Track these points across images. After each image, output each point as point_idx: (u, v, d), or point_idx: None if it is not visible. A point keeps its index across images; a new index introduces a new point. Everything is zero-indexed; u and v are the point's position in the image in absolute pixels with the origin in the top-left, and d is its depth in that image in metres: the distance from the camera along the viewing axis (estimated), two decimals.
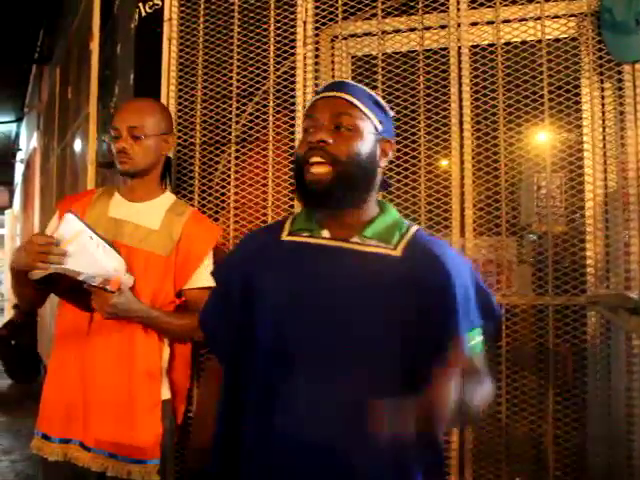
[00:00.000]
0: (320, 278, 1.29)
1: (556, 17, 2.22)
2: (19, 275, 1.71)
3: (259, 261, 1.37)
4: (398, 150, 2.26)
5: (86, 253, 1.63)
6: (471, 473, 2.19)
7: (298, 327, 1.27)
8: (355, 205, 1.33)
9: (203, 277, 1.90)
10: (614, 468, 2.10)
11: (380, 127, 1.34)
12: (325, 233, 1.34)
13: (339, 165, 1.26)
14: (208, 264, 1.91)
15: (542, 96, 2.17)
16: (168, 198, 1.99)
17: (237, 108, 2.44)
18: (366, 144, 1.30)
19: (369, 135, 1.31)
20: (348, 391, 1.23)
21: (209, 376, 1.54)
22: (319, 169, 1.26)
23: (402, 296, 1.25)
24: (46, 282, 1.66)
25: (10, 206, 16.42)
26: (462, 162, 2.23)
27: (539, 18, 2.19)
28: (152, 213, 1.91)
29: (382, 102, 1.40)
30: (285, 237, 1.38)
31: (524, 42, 2.23)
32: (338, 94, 1.31)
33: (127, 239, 1.85)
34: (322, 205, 1.31)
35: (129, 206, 1.92)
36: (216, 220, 2.40)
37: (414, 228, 1.38)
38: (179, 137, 2.51)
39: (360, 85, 1.41)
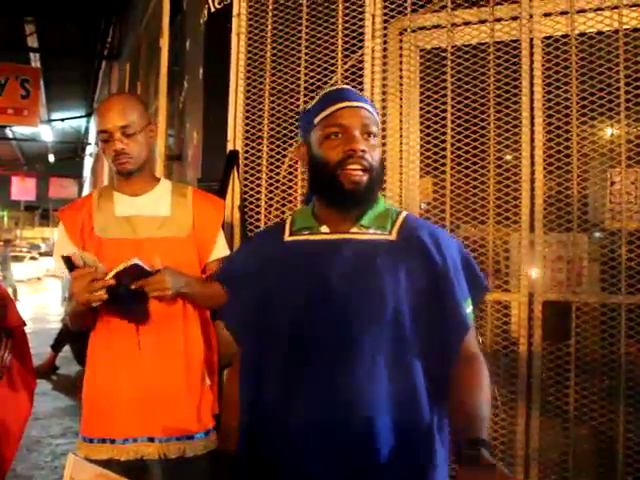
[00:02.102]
0: (326, 272, 1.36)
1: (635, 5, 2.14)
2: (85, 314, 1.81)
3: (265, 263, 1.45)
4: (467, 144, 2.23)
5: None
6: (537, 473, 2.16)
7: (312, 322, 1.34)
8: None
9: (220, 248, 1.99)
10: None
11: None
12: (324, 228, 1.43)
13: (372, 171, 1.37)
14: (221, 235, 2.01)
15: (618, 88, 2.11)
16: (166, 184, 2.02)
17: (305, 102, 2.46)
18: (380, 147, 1.44)
19: (379, 139, 1.44)
20: (363, 377, 1.30)
21: (235, 365, 1.59)
22: (359, 174, 1.35)
23: (405, 278, 1.34)
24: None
25: None
26: (532, 156, 2.19)
27: (616, 7, 2.12)
28: (158, 201, 1.94)
29: None
30: (287, 238, 1.47)
31: (600, 32, 2.16)
32: (362, 104, 1.41)
33: (145, 232, 1.89)
34: (358, 207, 1.40)
35: (133, 201, 1.94)
36: (282, 213, 2.43)
37: (404, 213, 1.47)
38: (247, 130, 2.55)
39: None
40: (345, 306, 1.33)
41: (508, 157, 2.28)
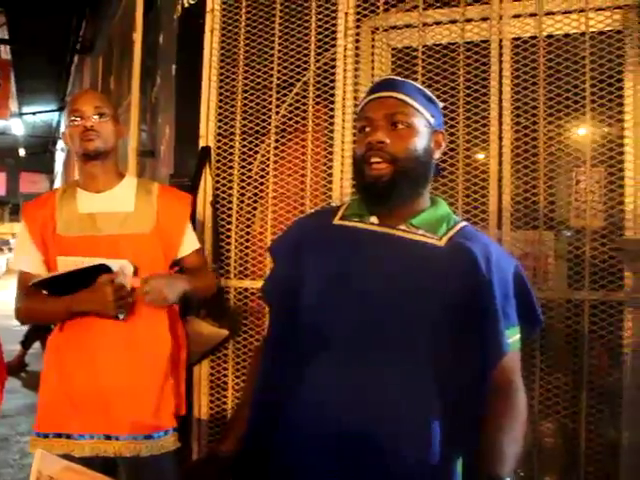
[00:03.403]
0: (363, 262, 1.33)
1: (600, 9, 2.18)
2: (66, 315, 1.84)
3: (309, 242, 1.42)
4: None
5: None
6: None
7: (337, 309, 1.31)
8: (412, 198, 1.38)
9: (192, 241, 2.03)
10: None
11: (432, 120, 1.38)
12: (373, 219, 1.38)
13: (397, 162, 1.30)
14: (190, 229, 2.04)
15: (584, 90, 2.15)
16: (131, 180, 2.02)
17: (277, 99, 2.47)
18: (421, 139, 1.34)
19: (423, 130, 1.35)
20: (379, 377, 1.25)
21: (255, 357, 1.58)
22: (378, 167, 1.31)
23: (442, 287, 1.27)
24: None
25: None
26: (500, 155, 2.23)
27: (583, 10, 2.16)
28: (122, 197, 1.94)
29: (431, 95, 1.43)
30: (336, 221, 1.43)
31: (567, 35, 2.21)
32: (390, 94, 1.35)
33: (108, 229, 1.88)
34: (383, 201, 1.35)
35: (97, 197, 1.93)
36: (254, 209, 2.44)
37: (462, 223, 1.41)
38: (219, 127, 2.55)
39: (408, 81, 1.44)
40: (372, 302, 1.29)
41: (477, 155, 2.31)
